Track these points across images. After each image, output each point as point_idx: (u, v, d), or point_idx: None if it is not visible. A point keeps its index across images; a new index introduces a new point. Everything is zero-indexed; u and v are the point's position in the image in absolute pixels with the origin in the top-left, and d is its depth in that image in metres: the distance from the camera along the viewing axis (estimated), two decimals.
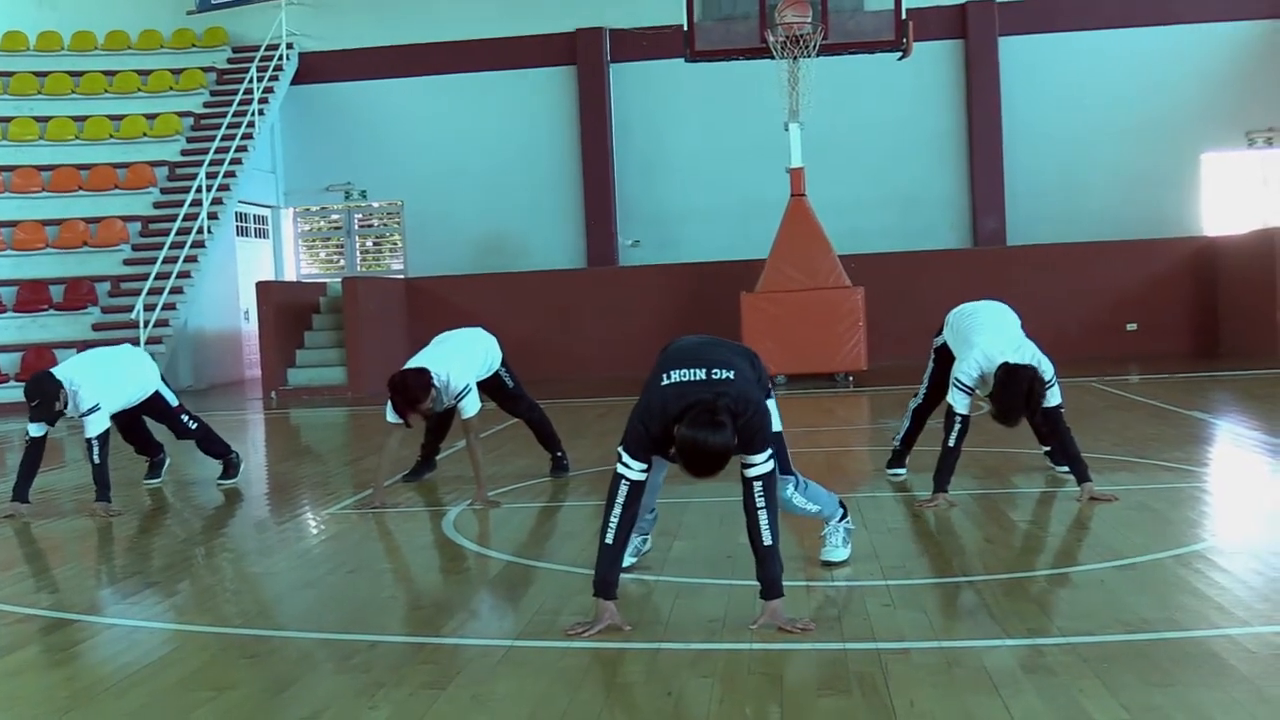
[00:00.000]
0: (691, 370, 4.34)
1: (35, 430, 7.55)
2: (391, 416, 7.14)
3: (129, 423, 8.41)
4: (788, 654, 4.03)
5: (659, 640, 4.25)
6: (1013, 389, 6.08)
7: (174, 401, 8.34)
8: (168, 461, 8.89)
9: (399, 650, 4.35)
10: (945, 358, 6.96)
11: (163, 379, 8.35)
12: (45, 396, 7.37)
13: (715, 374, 4.31)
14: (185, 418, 8.40)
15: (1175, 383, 13.12)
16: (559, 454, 8.24)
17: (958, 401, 6.44)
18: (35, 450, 7.61)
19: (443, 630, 4.59)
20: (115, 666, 4.26)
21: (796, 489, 4.97)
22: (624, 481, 4.37)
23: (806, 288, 14.71)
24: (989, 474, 7.57)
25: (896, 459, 7.53)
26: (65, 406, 7.50)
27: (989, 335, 6.51)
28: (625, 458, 4.37)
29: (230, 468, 8.59)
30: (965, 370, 6.42)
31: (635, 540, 5.29)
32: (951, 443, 6.45)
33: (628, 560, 5.15)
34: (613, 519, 4.37)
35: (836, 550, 5.22)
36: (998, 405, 6.15)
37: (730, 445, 4.12)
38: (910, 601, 4.66)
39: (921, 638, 4.16)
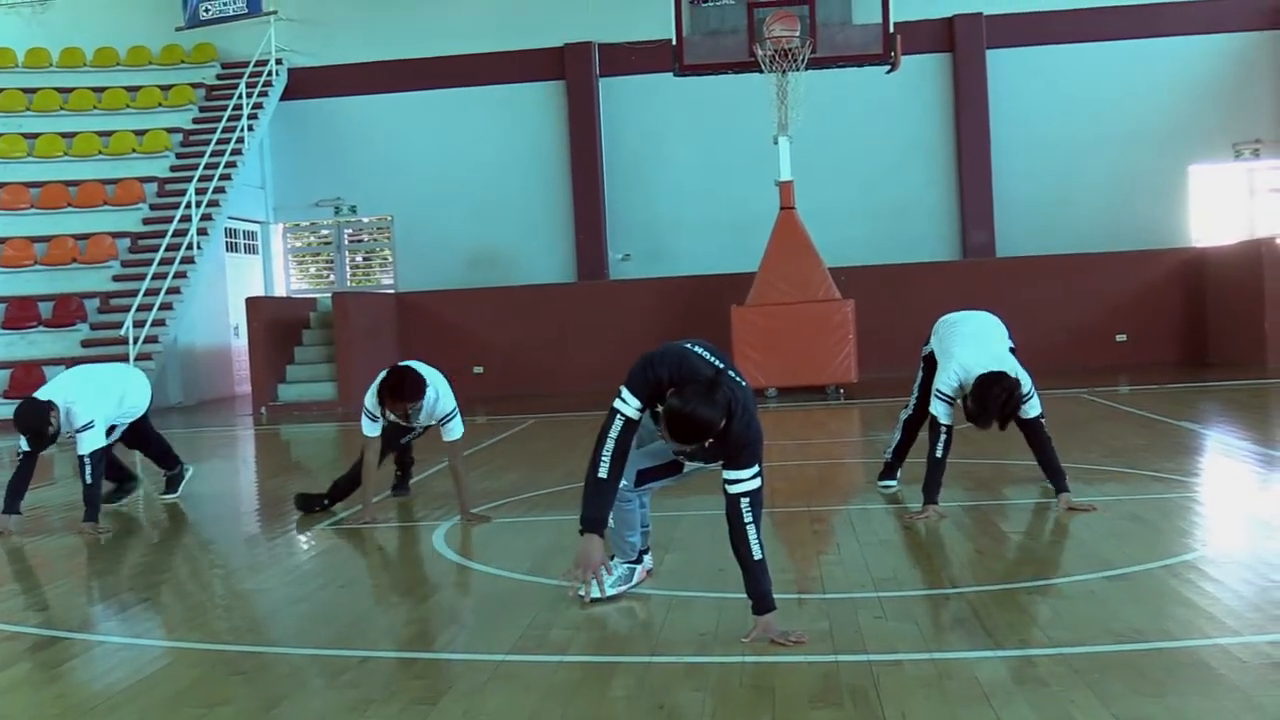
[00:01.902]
0: (715, 357, 4.46)
1: (26, 444, 7.51)
2: (370, 430, 7.10)
3: (127, 439, 8.35)
4: (780, 666, 4.03)
5: (651, 654, 4.25)
6: (989, 393, 6.12)
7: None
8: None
9: (390, 666, 4.34)
10: (932, 366, 6.99)
11: None
12: (37, 423, 7.31)
13: (731, 374, 4.40)
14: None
15: (1165, 393, 13.15)
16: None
17: (940, 412, 6.45)
18: (27, 465, 7.56)
19: (433, 646, 4.58)
20: (105, 684, 4.24)
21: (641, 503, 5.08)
22: (619, 416, 4.45)
23: (796, 300, 14.73)
24: (980, 485, 7.57)
25: (888, 471, 7.53)
26: (57, 429, 7.44)
27: (969, 347, 6.52)
28: (625, 394, 4.44)
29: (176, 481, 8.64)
30: (945, 380, 6.44)
31: (631, 568, 5.17)
32: (938, 453, 6.46)
33: (616, 589, 5.02)
34: (604, 454, 4.44)
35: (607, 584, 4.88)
36: (972, 406, 6.18)
37: (715, 425, 4.16)
38: (902, 613, 4.66)
39: (913, 649, 4.16)
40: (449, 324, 18.00)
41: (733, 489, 4.33)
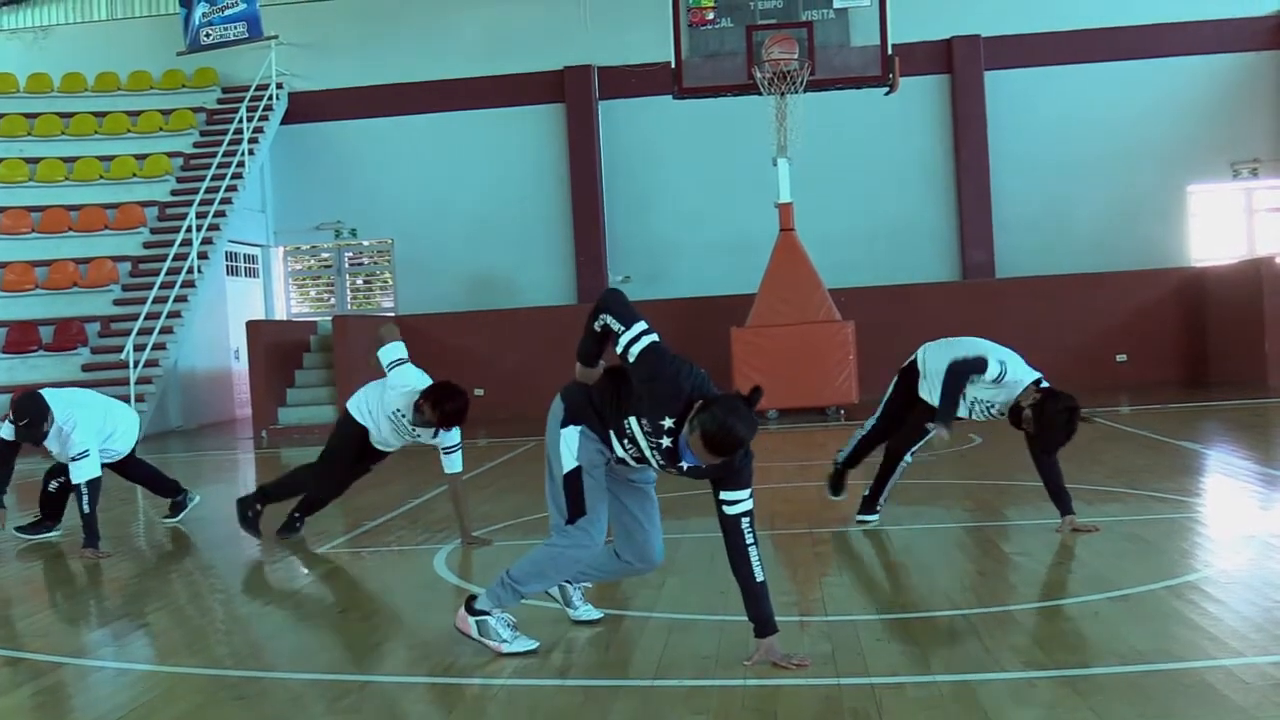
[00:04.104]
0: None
1: (5, 433, 7.50)
2: (393, 352, 7.27)
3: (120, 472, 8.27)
4: (782, 690, 4.01)
5: (652, 677, 4.23)
6: (1051, 419, 6.07)
7: None
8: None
9: (390, 690, 4.32)
10: (909, 385, 6.91)
11: None
12: (33, 416, 7.29)
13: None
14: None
15: (1166, 413, 13.14)
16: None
17: (954, 393, 6.31)
18: (6, 454, 7.56)
19: (434, 670, 4.56)
20: (104, 710, 4.23)
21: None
22: (644, 335, 4.39)
23: (796, 322, 14.74)
24: (982, 507, 7.56)
25: (869, 504, 7.00)
26: (47, 434, 7.41)
27: (1008, 352, 6.43)
28: (651, 339, 4.37)
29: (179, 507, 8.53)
30: (991, 369, 6.26)
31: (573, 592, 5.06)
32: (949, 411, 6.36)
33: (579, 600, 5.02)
34: (611, 319, 4.52)
35: (521, 640, 4.62)
36: (1037, 423, 6.09)
37: (747, 441, 4.06)
38: (904, 635, 4.65)
39: (915, 672, 4.14)
40: (450, 346, 17.97)
41: (732, 509, 4.27)
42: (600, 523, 4.46)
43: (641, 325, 4.37)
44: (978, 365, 6.33)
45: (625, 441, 4.37)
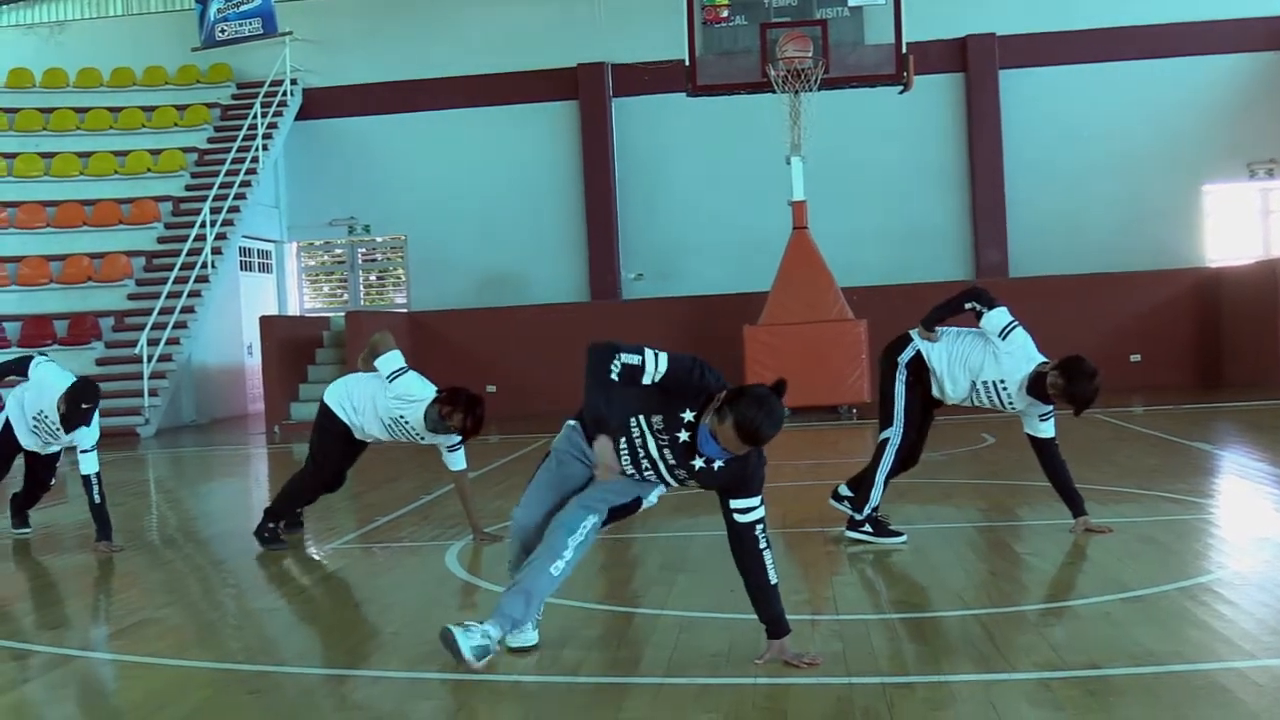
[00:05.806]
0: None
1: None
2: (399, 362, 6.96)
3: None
4: (793, 689, 4.01)
5: (663, 675, 4.23)
6: (1082, 374, 5.99)
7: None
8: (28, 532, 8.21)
9: (401, 686, 4.33)
10: (923, 384, 6.83)
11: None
12: (93, 408, 7.25)
13: None
14: None
15: (1179, 414, 13.10)
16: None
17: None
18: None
19: (445, 666, 4.56)
20: (117, 703, 4.24)
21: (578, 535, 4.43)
22: (646, 360, 4.21)
23: (809, 320, 14.72)
24: (994, 507, 7.54)
25: (881, 527, 6.50)
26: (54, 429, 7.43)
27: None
28: (661, 360, 4.21)
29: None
30: (1004, 313, 6.28)
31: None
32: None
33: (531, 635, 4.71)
34: (617, 364, 4.21)
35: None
36: (1072, 391, 5.98)
37: (777, 432, 4.03)
38: (915, 635, 4.64)
39: (927, 672, 4.13)
40: (462, 343, 18.02)
41: (745, 518, 4.29)
42: (526, 504, 4.59)
43: (647, 347, 4.30)
44: (992, 299, 6.30)
45: (623, 443, 4.33)
